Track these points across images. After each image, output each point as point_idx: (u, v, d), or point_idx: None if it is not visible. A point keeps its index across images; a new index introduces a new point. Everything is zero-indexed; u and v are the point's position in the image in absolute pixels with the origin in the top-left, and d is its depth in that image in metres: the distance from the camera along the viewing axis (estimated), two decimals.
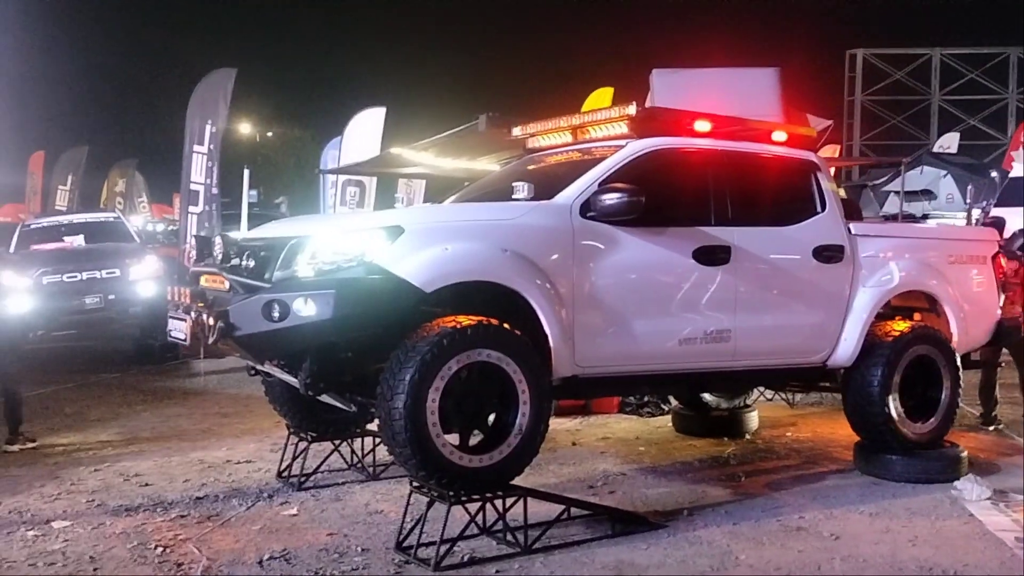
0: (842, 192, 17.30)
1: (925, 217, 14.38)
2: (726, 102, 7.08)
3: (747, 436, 7.15)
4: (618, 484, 5.85)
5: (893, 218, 14.44)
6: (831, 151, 22.67)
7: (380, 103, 14.02)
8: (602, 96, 13.57)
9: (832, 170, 17.43)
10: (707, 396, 7.20)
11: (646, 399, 7.93)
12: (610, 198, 4.83)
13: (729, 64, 10.12)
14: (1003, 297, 6.63)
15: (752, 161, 5.65)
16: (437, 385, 4.25)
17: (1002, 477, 5.86)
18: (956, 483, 5.60)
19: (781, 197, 5.73)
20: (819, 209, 5.78)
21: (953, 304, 6.17)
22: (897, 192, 16.21)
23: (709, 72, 8.94)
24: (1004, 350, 7.28)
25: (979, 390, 7.45)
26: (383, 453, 5.41)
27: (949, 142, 20.22)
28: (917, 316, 6.29)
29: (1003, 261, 6.75)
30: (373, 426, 5.10)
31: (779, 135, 5.83)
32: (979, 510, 5.18)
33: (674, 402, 7.60)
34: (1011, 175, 10.47)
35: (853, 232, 5.86)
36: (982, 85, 30.09)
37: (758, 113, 7.19)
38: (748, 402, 7.44)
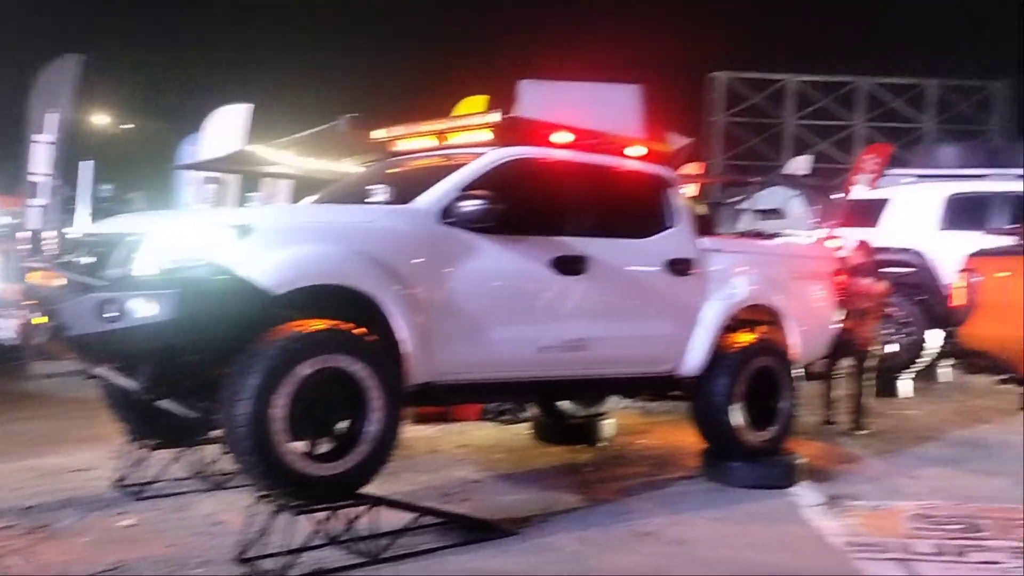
0: (705, 208, 17.91)
1: (776, 235, 15.02)
2: (589, 115, 7.20)
3: (602, 443, 7.28)
4: (473, 492, 5.84)
5: (750, 235, 15.05)
6: (695, 169, 23.48)
7: (247, 99, 13.59)
8: (475, 103, 13.59)
9: (697, 187, 18.01)
10: (564, 404, 7.29)
11: (506, 406, 7.97)
12: (469, 205, 4.83)
13: (596, 79, 10.31)
14: (845, 313, 7.02)
15: (609, 174, 5.77)
16: (283, 391, 4.13)
17: (835, 484, 6.16)
18: (793, 489, 5.87)
19: (636, 210, 5.88)
20: (672, 223, 5.95)
21: (794, 318, 6.47)
22: (750, 210, 16.87)
23: (574, 85, 9.07)
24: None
25: (838, 400, 7.88)
26: (230, 462, 5.22)
27: (801, 164, 21.20)
28: (761, 329, 6.56)
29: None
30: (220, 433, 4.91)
31: (636, 150, 5.98)
32: (814, 515, 5.42)
33: (535, 409, 7.67)
34: (850, 197, 11.11)
35: (703, 247, 6.07)
36: (833, 112, 31.83)
37: (619, 128, 7.34)
38: (604, 410, 7.58)
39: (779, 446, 6.28)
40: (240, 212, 5.06)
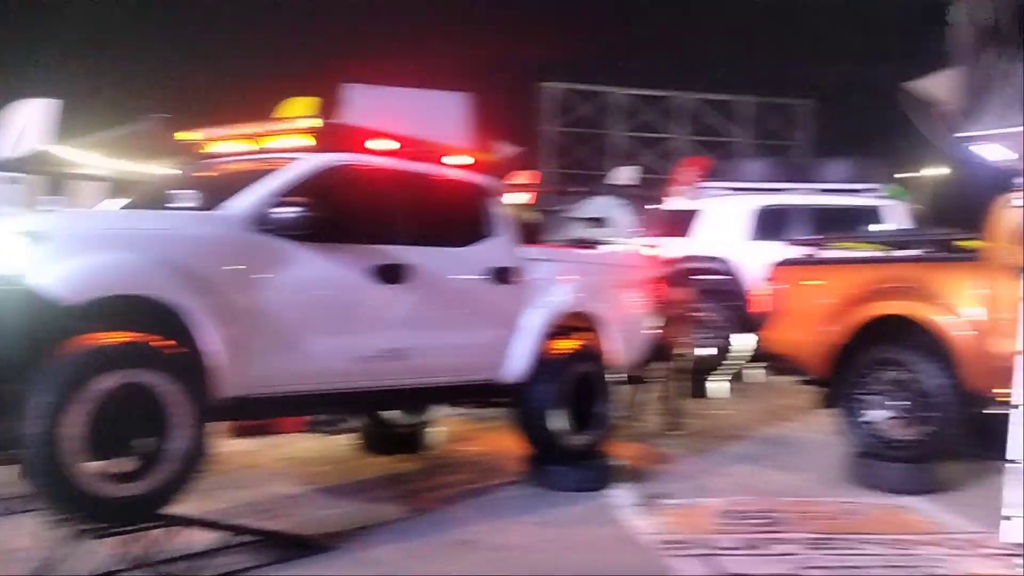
0: (538, 216, 18.17)
1: (601, 243, 15.47)
2: (416, 122, 7.19)
3: (429, 452, 7.27)
4: (292, 507, 5.69)
5: (578, 244, 15.43)
6: (528, 178, 23.88)
7: (55, 95, 12.75)
8: (301, 104, 13.26)
9: (531, 195, 18.24)
10: (390, 413, 7.22)
11: (329, 417, 7.81)
12: (284, 212, 4.71)
13: (425, 85, 10.30)
14: (663, 320, 7.31)
15: (431, 182, 5.77)
16: (78, 408, 3.87)
17: (651, 484, 6.40)
18: (611, 491, 6.05)
19: (458, 218, 5.91)
20: (494, 232, 6.02)
21: (613, 325, 6.67)
22: (578, 219, 17.33)
23: (401, 91, 9.04)
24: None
25: (652, 403, 8.18)
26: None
27: (627, 174, 21.96)
28: (582, 336, 6.73)
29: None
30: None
31: (459, 158, 6.01)
32: (629, 515, 5.61)
33: (361, 419, 7.55)
34: (666, 207, 11.64)
35: (525, 255, 6.17)
36: (657, 125, 33.22)
37: (446, 135, 7.36)
38: (431, 417, 7.56)
39: (599, 449, 6.46)
40: (34, 217, 4.70)
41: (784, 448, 7.76)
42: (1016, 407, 5.38)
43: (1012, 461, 5.28)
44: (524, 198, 21.79)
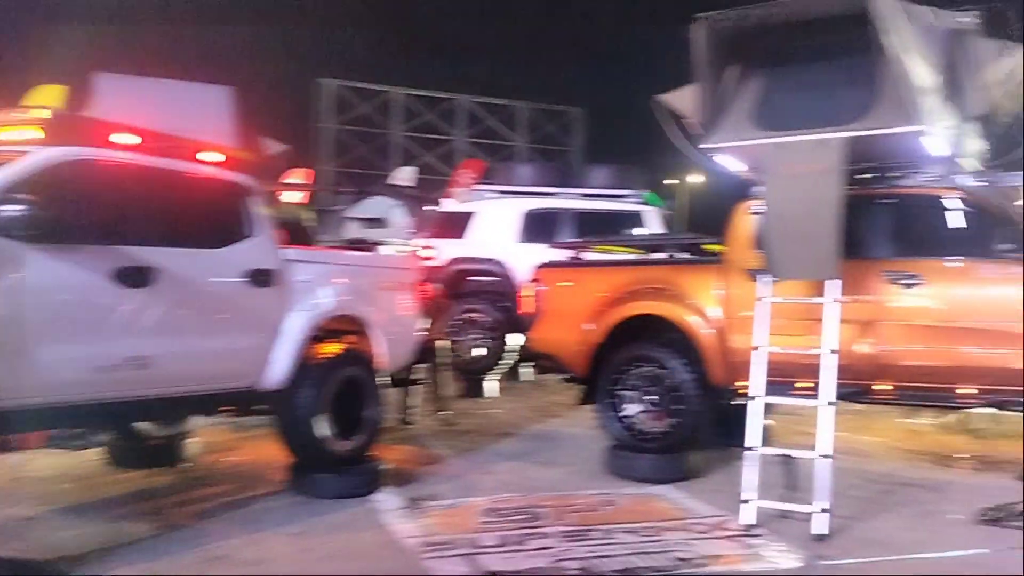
0: (313, 216, 17.69)
1: (378, 244, 15.33)
2: (172, 115, 6.78)
3: (185, 464, 6.89)
4: (27, 529, 5.21)
5: (354, 244, 15.21)
6: (301, 176, 23.27)
7: None
8: (46, 94, 12.21)
9: (305, 195, 17.75)
10: (141, 424, 6.78)
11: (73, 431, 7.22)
12: (7, 210, 4.29)
13: (192, 78, 9.75)
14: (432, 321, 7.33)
15: (181, 180, 5.46)
16: None
17: (418, 486, 6.39)
18: (377, 496, 5.99)
19: (211, 219, 5.63)
20: (251, 232, 5.79)
21: (381, 328, 6.61)
22: (356, 219, 17.09)
23: (157, 83, 8.49)
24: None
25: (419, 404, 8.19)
26: None
27: (406, 175, 21.92)
28: (347, 339, 6.62)
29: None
30: None
31: (212, 155, 5.72)
32: (393, 520, 5.57)
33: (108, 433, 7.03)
34: (441, 209, 11.73)
35: (286, 257, 5.98)
36: (437, 126, 33.45)
37: (206, 131, 6.99)
38: (188, 428, 7.17)
39: (366, 454, 6.37)
40: None
41: (550, 444, 8.00)
42: (753, 398, 5.85)
43: (750, 449, 5.73)
44: (298, 197, 21.20)
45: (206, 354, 5.35)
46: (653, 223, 10.90)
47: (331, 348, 6.19)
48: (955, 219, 6.09)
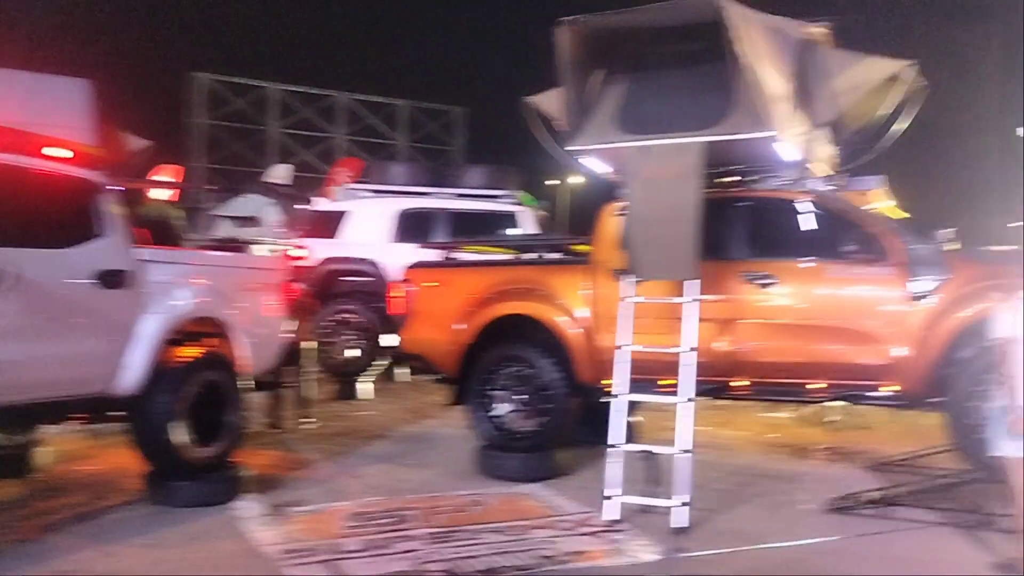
0: (181, 215, 17.05)
1: (250, 243, 14.93)
2: (17, 108, 6.42)
3: (35, 474, 6.53)
4: None
5: (226, 243, 14.77)
6: (169, 173, 22.40)
7: None
8: None
9: (173, 192, 17.16)
10: None
11: None
12: None
13: (53, 71, 9.24)
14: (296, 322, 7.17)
15: (23, 176, 5.15)
16: None
17: (283, 492, 6.25)
18: (238, 503, 5.82)
19: (57, 217, 5.35)
20: (101, 232, 5.53)
21: (243, 330, 6.43)
22: (227, 217, 16.62)
23: (5, 73, 8.02)
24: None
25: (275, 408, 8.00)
26: None
27: (281, 172, 21.42)
28: (207, 342, 6.41)
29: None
30: None
31: (60, 151, 5.44)
32: (253, 527, 5.42)
33: None
34: (316, 208, 11.53)
35: (141, 257, 5.74)
36: (316, 123, 32.86)
37: (57, 125, 6.65)
38: (39, 436, 6.80)
39: (227, 460, 6.19)
40: None
41: (421, 445, 7.97)
42: (616, 396, 5.96)
43: (613, 446, 5.83)
44: (166, 195, 20.42)
45: (52, 359, 5.08)
46: (528, 223, 10.99)
47: (189, 352, 5.98)
48: (807, 222, 6.35)
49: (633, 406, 7.55)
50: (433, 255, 7.70)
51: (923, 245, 6.07)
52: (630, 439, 7.42)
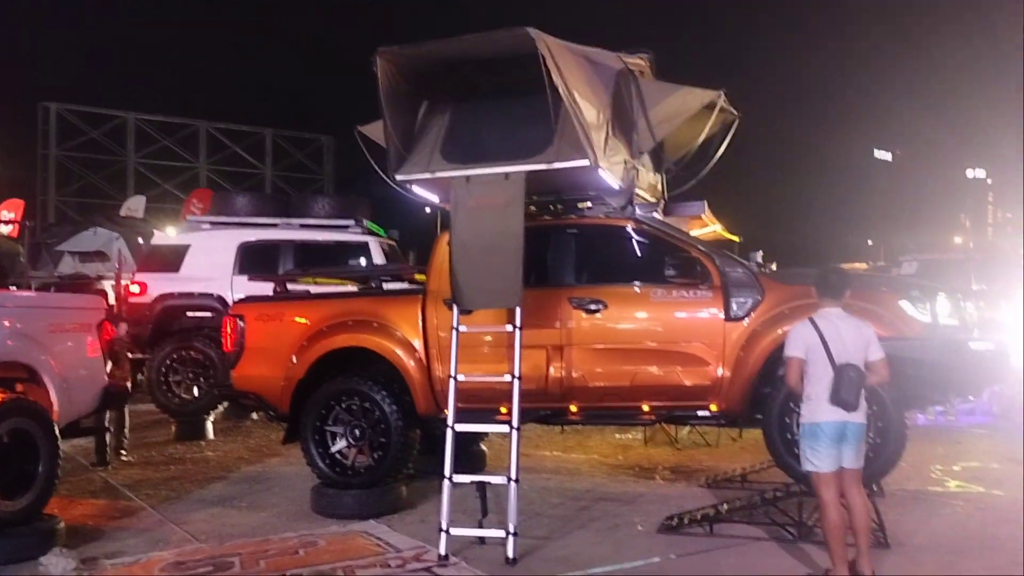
0: (18, 250, 16.17)
1: (100, 278, 14.31)
2: None
3: None
4: None
5: (74, 280, 14.10)
6: (8, 208, 21.28)
7: None
8: None
9: (12, 227, 16.30)
10: None
11: None
12: None
13: None
14: (110, 363, 6.82)
15: None
16: None
17: (100, 543, 5.92)
18: (43, 559, 5.46)
19: None
20: None
21: (54, 374, 6.08)
22: (72, 253, 15.90)
23: None
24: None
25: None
26: None
27: (135, 204, 20.67)
28: (19, 387, 6.04)
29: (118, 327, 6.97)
30: None
31: None
32: None
33: None
34: (162, 241, 11.13)
35: None
36: (176, 153, 31.86)
37: None
38: None
39: (38, 512, 5.80)
40: None
41: (259, 486, 7.70)
42: (449, 427, 5.90)
43: (447, 478, 5.76)
44: (5, 230, 19.43)
45: None
46: (376, 254, 10.83)
47: None
48: (632, 248, 6.48)
49: (482, 434, 7.53)
50: (264, 288, 7.48)
51: (738, 268, 6.27)
52: (475, 469, 7.41)
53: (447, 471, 5.74)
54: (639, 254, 6.46)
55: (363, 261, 10.67)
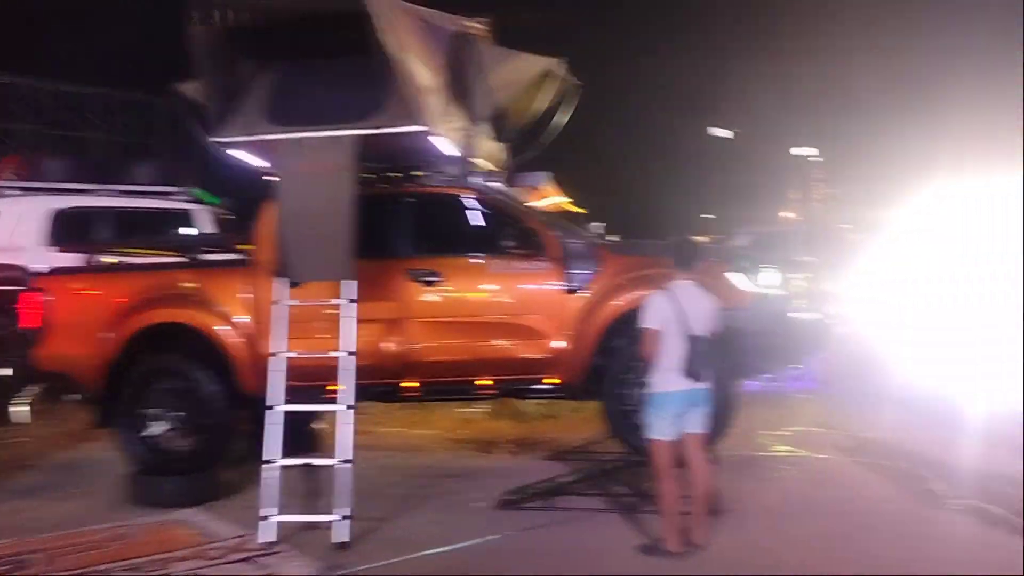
0: None
1: None
2: None
3: None
4: None
5: None
6: None
7: None
8: None
9: None
10: None
11: None
12: None
13: None
14: None
15: None
16: None
17: None
18: None
19: None
20: None
21: None
22: None
23: None
24: None
25: None
26: None
27: None
28: None
29: None
30: None
31: None
32: None
33: None
34: None
35: None
36: None
37: None
38: None
39: None
40: None
41: (73, 474, 7.10)
42: (271, 407, 5.55)
43: (269, 462, 5.43)
44: None
45: None
46: (205, 222, 10.19)
47: None
48: (470, 218, 6.30)
49: (318, 413, 7.18)
50: (72, 259, 6.86)
51: (577, 239, 6.20)
52: (309, 450, 7.09)
53: (268, 455, 5.42)
54: (478, 224, 6.28)
55: (189, 231, 10.01)
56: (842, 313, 9.07)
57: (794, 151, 19.11)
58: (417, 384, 6.25)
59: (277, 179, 5.68)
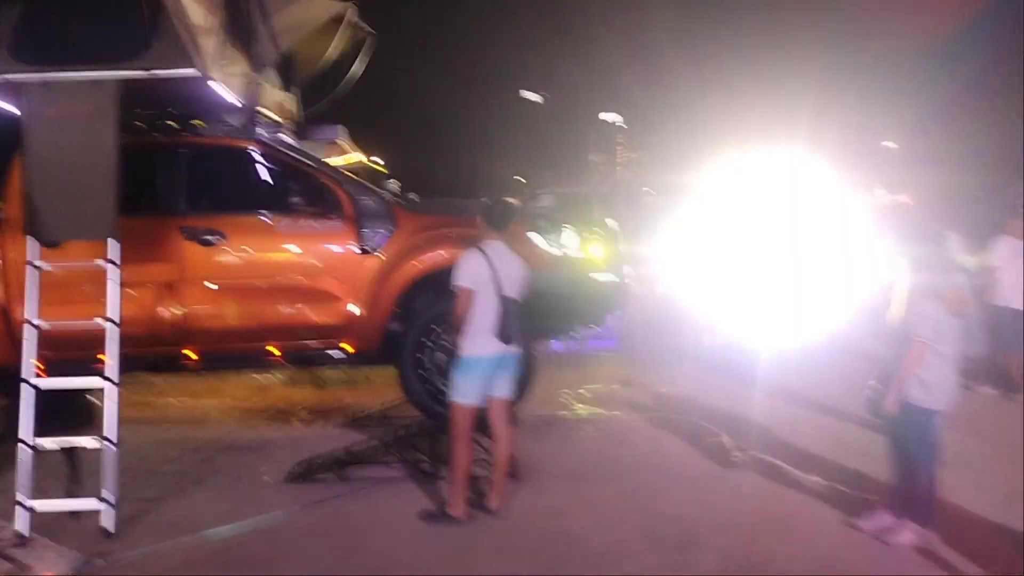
0: None
1: None
2: None
3: None
4: None
5: None
6: None
7: None
8: None
9: None
10: None
11: None
12: None
13: None
14: None
15: None
16: None
17: None
18: None
19: None
20: None
21: None
22: None
23: None
24: None
25: None
26: None
27: None
28: None
29: None
30: None
31: None
32: None
33: None
34: None
35: None
36: None
37: None
38: None
39: None
40: None
41: None
42: (26, 383, 4.93)
43: (24, 443, 4.83)
44: None
45: None
46: None
47: None
48: (254, 173, 5.83)
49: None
50: None
51: (371, 197, 5.88)
52: (80, 425, 6.42)
53: (23, 434, 4.81)
54: (263, 180, 5.83)
55: None
56: (641, 273, 9.25)
57: (601, 115, 19.44)
58: (195, 353, 5.76)
59: (24, 124, 4.98)
